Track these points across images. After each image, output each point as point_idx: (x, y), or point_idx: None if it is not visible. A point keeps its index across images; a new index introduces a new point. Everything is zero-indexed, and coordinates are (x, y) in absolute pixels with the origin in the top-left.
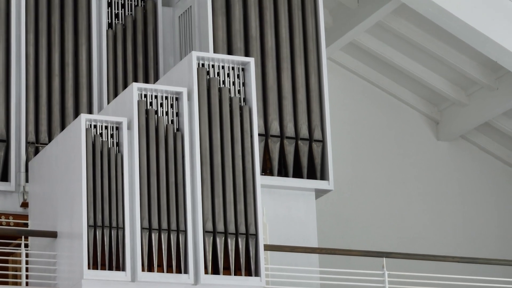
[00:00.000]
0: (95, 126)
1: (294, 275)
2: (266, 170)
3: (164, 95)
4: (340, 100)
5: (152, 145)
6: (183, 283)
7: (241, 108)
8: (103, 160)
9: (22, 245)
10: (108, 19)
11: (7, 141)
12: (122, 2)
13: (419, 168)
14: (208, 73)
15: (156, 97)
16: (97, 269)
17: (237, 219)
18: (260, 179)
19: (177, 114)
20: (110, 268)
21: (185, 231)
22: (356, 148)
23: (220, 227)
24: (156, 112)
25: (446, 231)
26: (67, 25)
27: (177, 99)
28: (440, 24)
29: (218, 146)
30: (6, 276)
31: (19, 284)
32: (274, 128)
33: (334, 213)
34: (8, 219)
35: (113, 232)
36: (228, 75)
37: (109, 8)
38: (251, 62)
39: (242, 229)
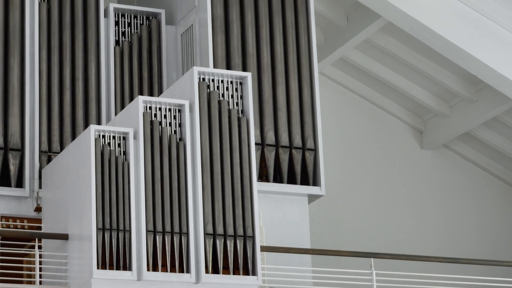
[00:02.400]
0: (103, 136)
1: (289, 274)
2: (263, 176)
3: (168, 107)
4: (331, 112)
5: (156, 153)
6: (185, 282)
7: (239, 119)
8: (111, 167)
9: (36, 247)
10: (116, 37)
11: (22, 150)
12: (129, 21)
13: (404, 175)
14: (208, 87)
15: (160, 109)
16: (105, 269)
17: (235, 222)
18: (257, 185)
19: (180, 125)
20: (118, 268)
21: (187, 234)
22: (346, 156)
23: (220, 229)
24: (160, 123)
25: (430, 233)
26: (77, 42)
27: (179, 111)
28: (424, 41)
29: (218, 155)
30: (21, 275)
31: (33, 283)
32: (270, 138)
33: (326, 217)
34: (23, 222)
35: (121, 235)
36: (227, 88)
37: (117, 26)
38: (248, 76)
39: (240, 231)
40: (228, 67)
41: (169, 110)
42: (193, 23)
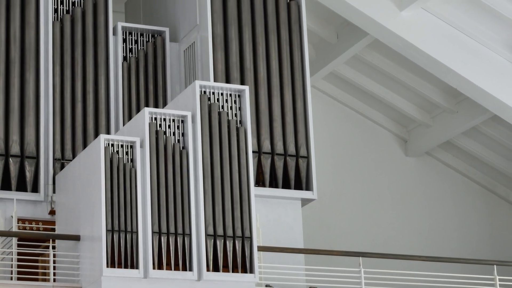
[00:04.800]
0: (112, 145)
1: (284, 272)
2: (259, 182)
3: (172, 118)
4: (322, 122)
5: (161, 161)
6: (188, 279)
7: (237, 129)
8: (119, 174)
9: (50, 247)
10: (123, 53)
11: (37, 158)
12: (135, 39)
13: (390, 180)
14: (209, 99)
15: (164, 120)
16: (114, 267)
17: (234, 224)
18: (254, 190)
19: (183, 135)
20: (126, 267)
21: (190, 235)
22: (336, 163)
23: (220, 231)
24: (165, 132)
25: (414, 234)
26: (88, 58)
27: (182, 121)
28: (408, 57)
29: (218, 162)
30: (36, 273)
31: (48, 280)
32: (266, 146)
33: (318, 219)
34: (38, 224)
35: (128, 236)
36: (226, 101)
37: (124, 43)
38: (246, 89)
39: (238, 232)
40: (227, 81)
41: (173, 120)
42: (195, 41)
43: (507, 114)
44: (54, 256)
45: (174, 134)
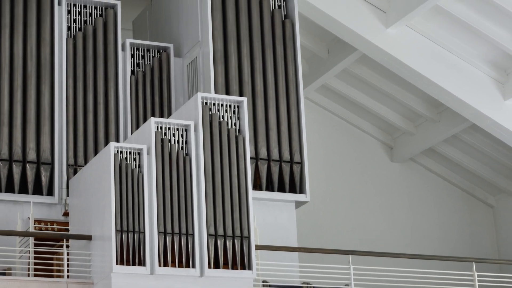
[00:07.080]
0: (121, 152)
1: (279, 269)
2: (257, 186)
3: (176, 127)
4: (315, 131)
5: (166, 166)
6: (191, 276)
7: (236, 137)
8: (127, 178)
9: (64, 246)
10: (131, 67)
11: (52, 164)
12: (142, 54)
13: (377, 184)
14: (210, 109)
15: (169, 128)
16: (123, 264)
17: (233, 224)
18: (252, 193)
19: (186, 142)
20: (134, 264)
21: (193, 234)
22: (327, 168)
23: (220, 231)
24: (170, 140)
25: (399, 234)
26: (99, 72)
27: (186, 130)
28: (393, 70)
29: (219, 167)
30: (51, 270)
31: (62, 277)
32: (263, 153)
33: (310, 220)
34: (53, 225)
35: (136, 235)
36: (226, 111)
37: (132, 58)
38: (244, 101)
39: (237, 232)
40: (227, 93)
41: (177, 129)
42: (197, 56)
43: (484, 122)
44: (68, 254)
45: (178, 142)
